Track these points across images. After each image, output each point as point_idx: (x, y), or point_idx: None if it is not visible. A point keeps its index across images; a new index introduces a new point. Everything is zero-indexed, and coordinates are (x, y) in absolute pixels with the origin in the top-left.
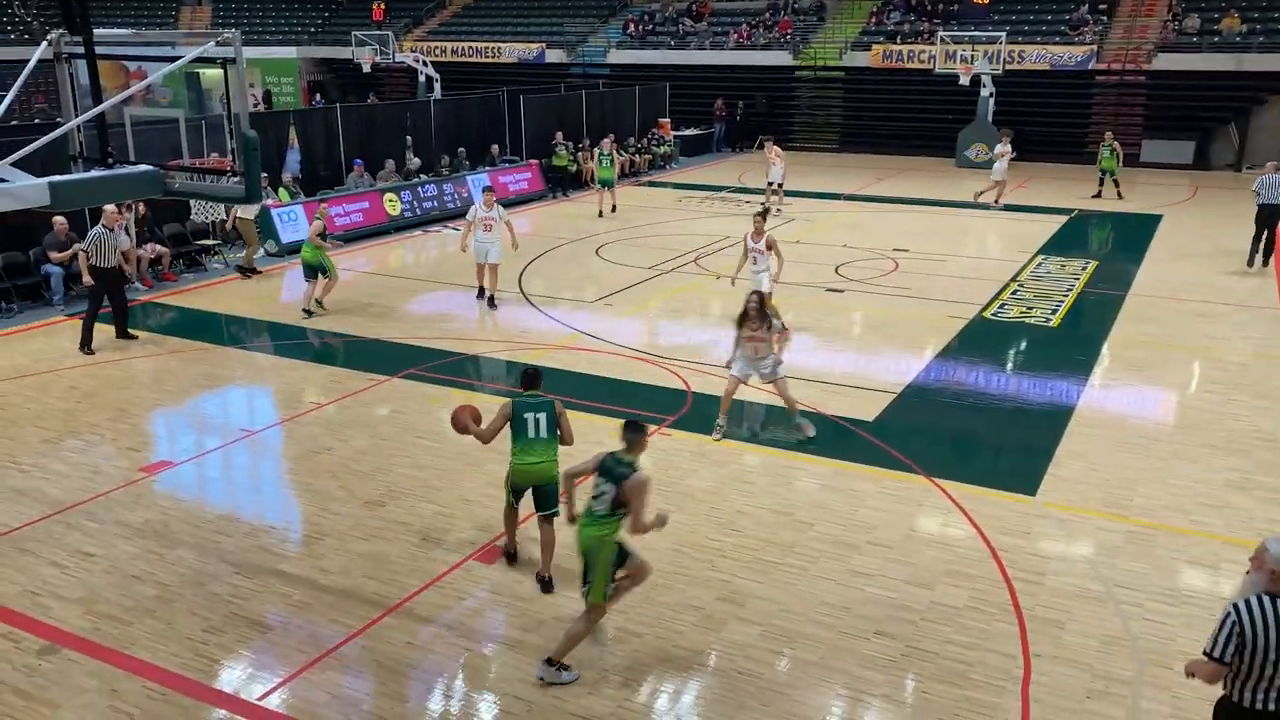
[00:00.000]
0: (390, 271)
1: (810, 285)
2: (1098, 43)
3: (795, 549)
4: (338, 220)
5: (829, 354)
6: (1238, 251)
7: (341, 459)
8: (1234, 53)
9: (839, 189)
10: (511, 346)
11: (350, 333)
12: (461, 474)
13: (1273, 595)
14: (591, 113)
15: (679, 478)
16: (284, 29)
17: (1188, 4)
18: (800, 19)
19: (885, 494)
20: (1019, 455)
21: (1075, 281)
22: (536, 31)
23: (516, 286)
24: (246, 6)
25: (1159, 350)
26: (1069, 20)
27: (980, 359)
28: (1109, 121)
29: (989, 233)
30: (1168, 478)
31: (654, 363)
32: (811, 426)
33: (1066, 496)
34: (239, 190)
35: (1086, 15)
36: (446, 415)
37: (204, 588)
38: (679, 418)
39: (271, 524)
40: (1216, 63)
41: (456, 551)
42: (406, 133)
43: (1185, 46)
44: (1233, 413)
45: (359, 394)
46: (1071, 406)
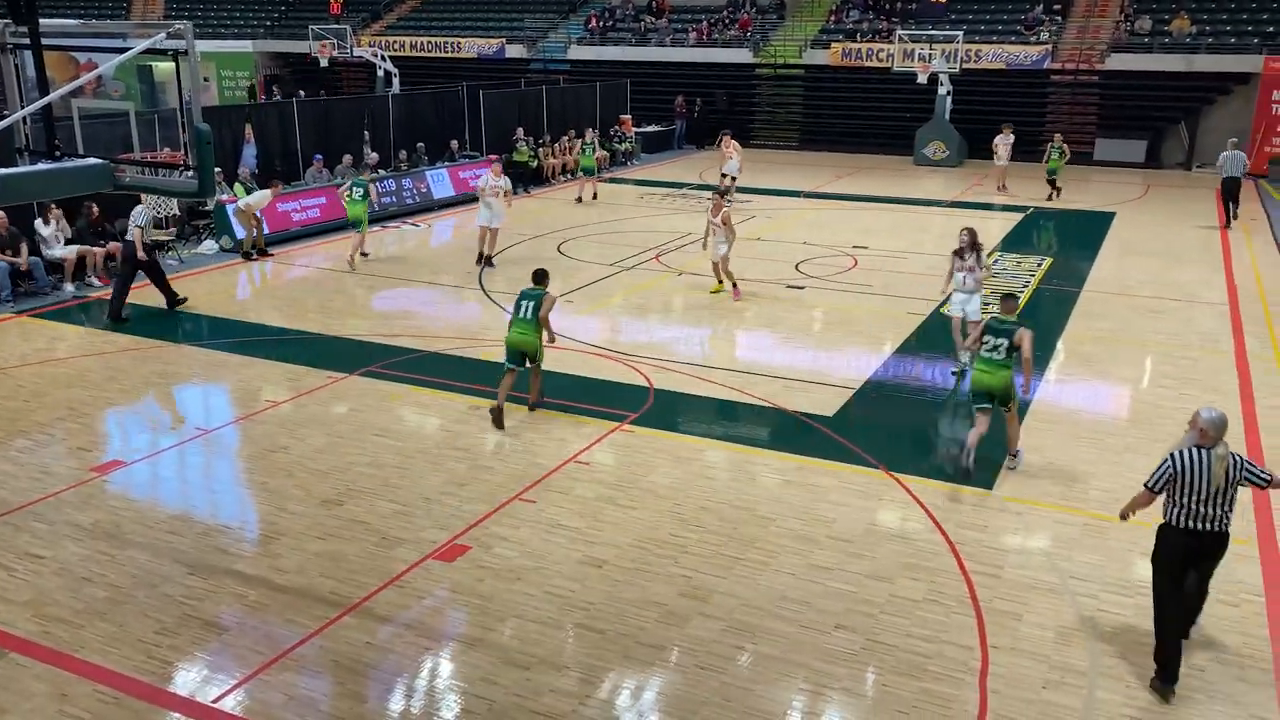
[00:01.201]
0: (348, 267)
1: (771, 282)
2: (1052, 43)
3: (757, 544)
4: (294, 216)
5: (789, 350)
6: (1189, 248)
7: (298, 457)
8: (1184, 54)
9: (799, 186)
10: (472, 343)
11: (307, 329)
12: (421, 472)
13: (1201, 447)
14: (552, 109)
15: (641, 474)
16: (239, 22)
17: (1139, 6)
18: (760, 17)
19: (845, 489)
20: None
21: (1030, 278)
22: (497, 27)
23: (477, 284)
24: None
25: (1112, 345)
26: (1024, 20)
27: (938, 354)
28: (1063, 120)
29: (947, 230)
30: (1122, 471)
31: (616, 359)
32: (966, 357)
33: (1023, 490)
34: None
35: (1041, 15)
36: (406, 413)
37: (157, 589)
38: (641, 414)
39: (226, 524)
40: (1167, 63)
41: (416, 550)
42: (365, 128)
43: (1137, 47)
44: (1184, 407)
45: (316, 391)
46: (1027, 401)
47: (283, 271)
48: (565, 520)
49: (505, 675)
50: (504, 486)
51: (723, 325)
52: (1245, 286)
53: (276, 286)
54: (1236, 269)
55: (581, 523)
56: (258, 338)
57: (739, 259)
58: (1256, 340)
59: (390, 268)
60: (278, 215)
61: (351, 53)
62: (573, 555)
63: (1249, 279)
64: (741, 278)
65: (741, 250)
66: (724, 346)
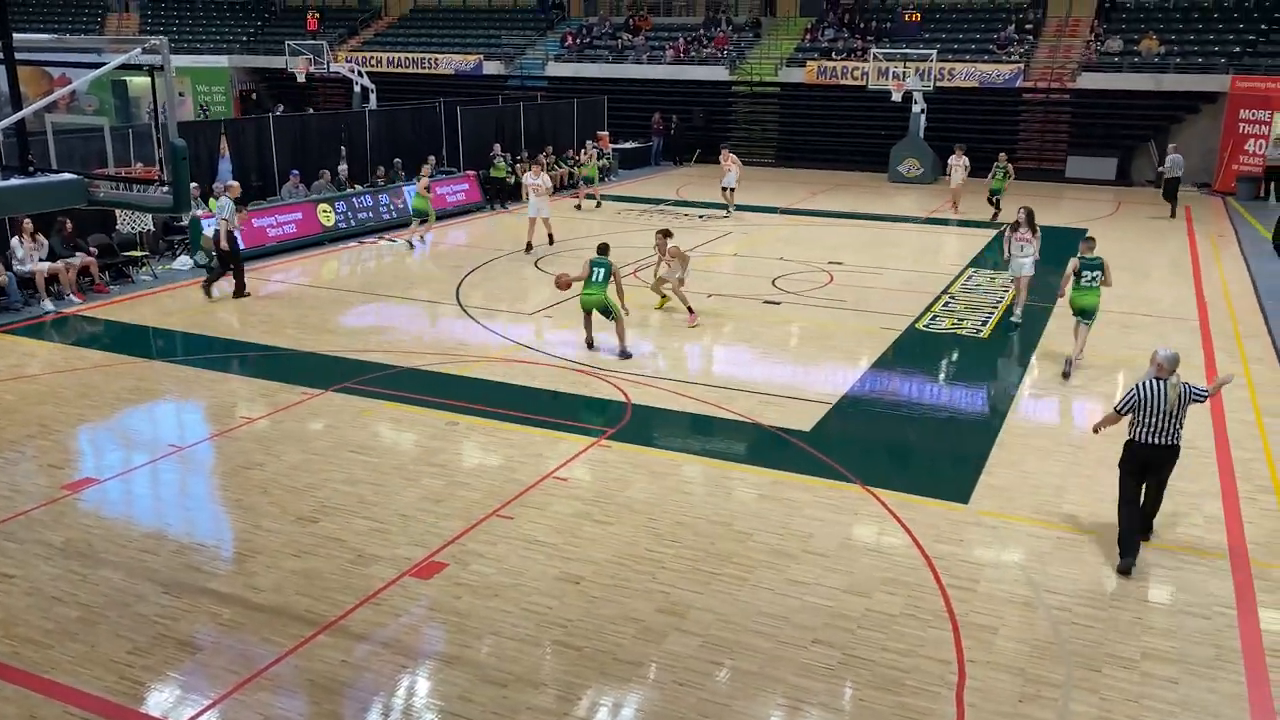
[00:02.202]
0: (324, 283)
1: (748, 297)
2: (1024, 62)
3: (734, 559)
4: (270, 232)
5: (766, 365)
6: (1159, 265)
7: (273, 474)
8: (1153, 73)
9: (775, 203)
10: (449, 359)
11: (283, 345)
12: (397, 489)
13: (1158, 379)
14: (529, 125)
15: (618, 489)
16: (215, 37)
17: (1109, 26)
18: (736, 35)
19: (822, 503)
20: (952, 464)
21: (1005, 294)
22: (474, 43)
23: (454, 299)
24: (176, 13)
25: (1085, 360)
26: (996, 39)
27: (914, 369)
28: (1035, 138)
29: (921, 247)
30: (1095, 485)
31: (593, 374)
32: (1019, 312)
33: (998, 504)
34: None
35: (1013, 35)
36: (381, 429)
37: (130, 608)
38: (618, 430)
39: (201, 542)
40: (1136, 83)
41: (392, 567)
42: (342, 144)
43: (1107, 67)
44: None
45: (292, 408)
46: (1002, 415)
47: (258, 287)
48: (542, 536)
49: (482, 693)
50: (481, 503)
51: (700, 340)
52: (1215, 303)
53: (251, 302)
54: (1206, 286)
55: (559, 539)
56: (232, 353)
57: (720, 274)
58: (1226, 355)
59: (366, 283)
60: (253, 231)
61: (329, 68)
62: (550, 571)
63: (1218, 296)
64: (718, 293)
65: (718, 266)
66: (701, 361)
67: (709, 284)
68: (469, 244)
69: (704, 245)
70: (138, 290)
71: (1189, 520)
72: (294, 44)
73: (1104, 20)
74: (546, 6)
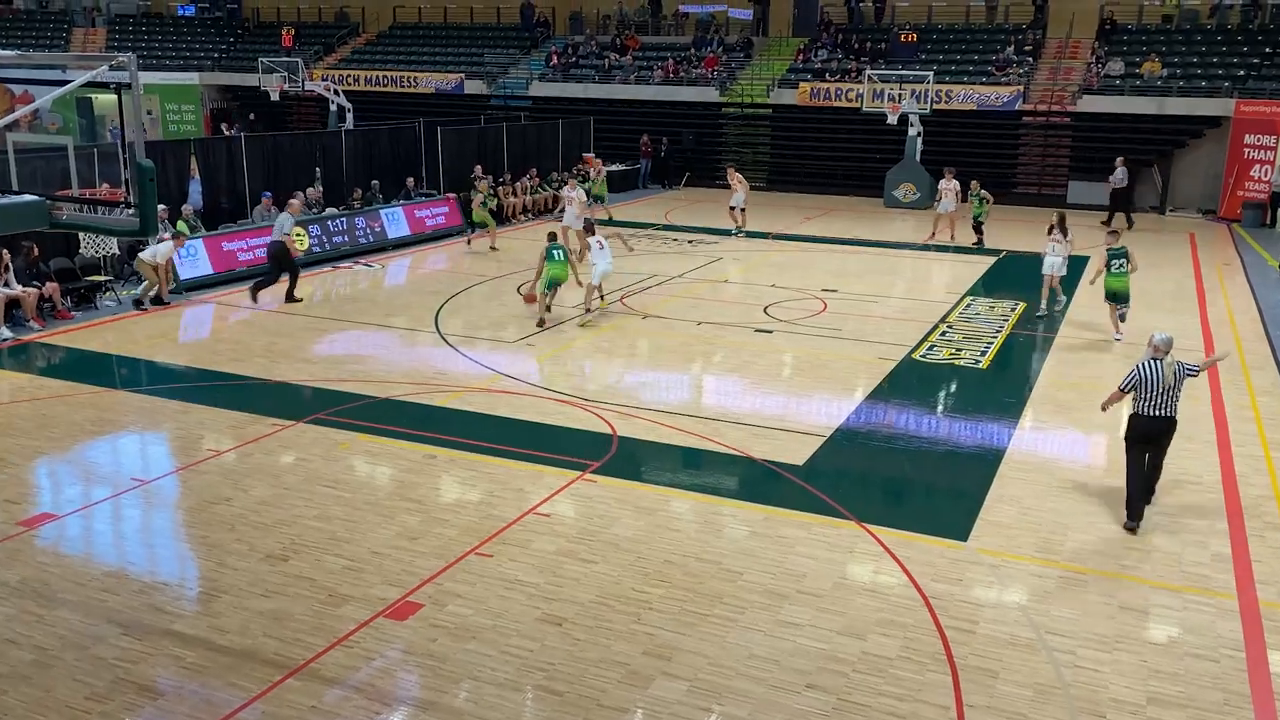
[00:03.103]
0: (296, 309)
1: (739, 325)
2: (1024, 84)
3: (724, 599)
4: (240, 256)
5: (758, 396)
6: (1164, 294)
7: (241, 510)
8: (1155, 96)
9: (767, 228)
10: (426, 389)
11: (252, 374)
12: (371, 526)
13: (1155, 359)
14: (512, 146)
15: (603, 526)
16: (185, 54)
17: (1110, 48)
18: (727, 55)
19: (815, 541)
20: (950, 500)
21: (1004, 323)
22: (455, 62)
23: (432, 326)
24: (144, 29)
25: (1088, 392)
26: (995, 61)
27: (910, 401)
28: (1036, 162)
29: (917, 274)
30: (1098, 522)
31: (578, 405)
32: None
33: (998, 542)
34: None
35: (1012, 56)
36: (356, 462)
37: (88, 651)
38: (604, 463)
39: (164, 581)
40: (1139, 105)
41: (366, 608)
42: (316, 164)
43: (1109, 89)
44: None
45: (261, 440)
46: (1002, 450)
47: (226, 314)
48: (523, 576)
49: None
50: (459, 540)
51: (689, 370)
52: (1221, 333)
53: (220, 329)
54: (1211, 315)
55: (540, 578)
56: (199, 383)
57: (710, 302)
58: (1234, 388)
59: (341, 309)
60: (223, 255)
61: (304, 86)
62: (531, 613)
63: (1224, 325)
64: (708, 320)
65: (708, 292)
66: (690, 392)
67: (698, 311)
68: (449, 269)
69: (693, 271)
70: (101, 316)
71: (1195, 558)
72: (268, 61)
73: (1105, 42)
74: (531, 24)
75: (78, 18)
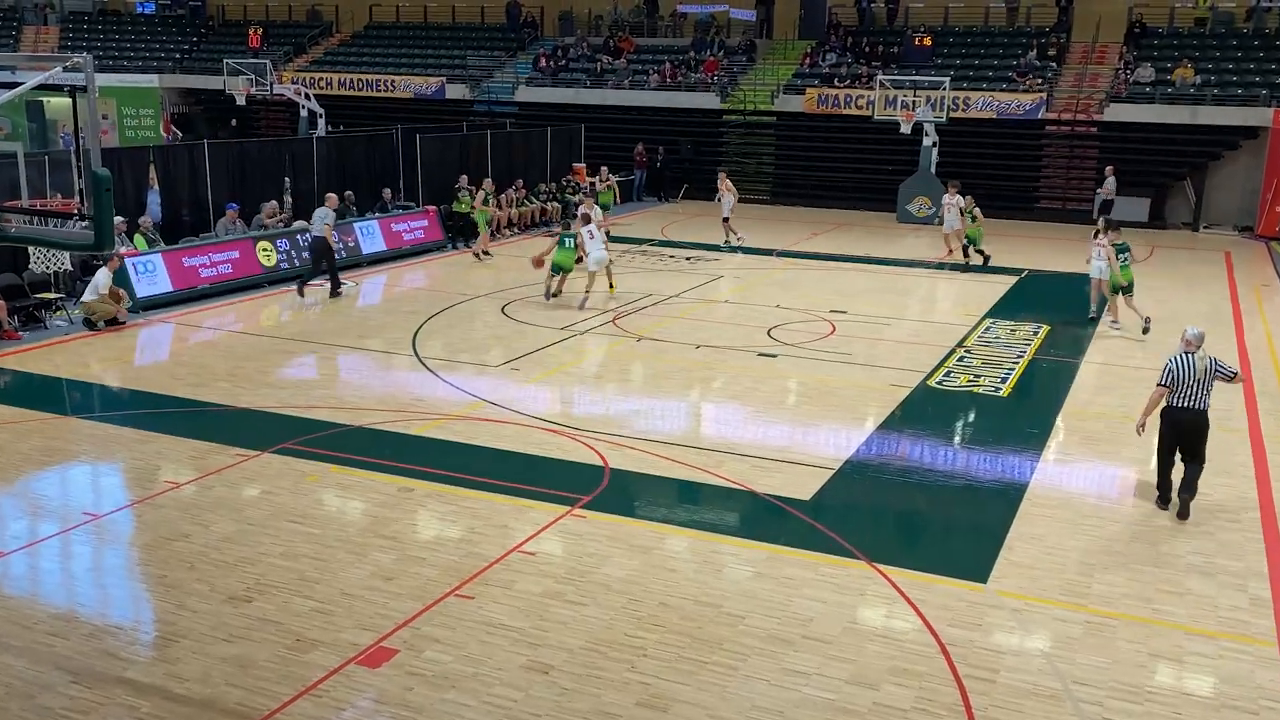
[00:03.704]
0: (263, 330)
1: (741, 349)
2: (1047, 91)
3: (724, 645)
4: (202, 272)
5: (761, 425)
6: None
7: (201, 547)
8: (1188, 105)
9: (771, 244)
10: (402, 416)
11: (215, 401)
12: (343, 564)
13: (1187, 353)
14: (497, 155)
15: (594, 565)
16: (144, 54)
17: (1140, 53)
18: (728, 59)
19: (823, 582)
20: (968, 538)
21: (1026, 347)
22: (436, 64)
23: (410, 349)
24: (100, 28)
25: (1116, 422)
26: (1016, 66)
27: (925, 431)
28: (1060, 175)
29: (933, 294)
30: (1128, 562)
31: (567, 435)
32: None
33: (1020, 584)
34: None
35: (1035, 61)
36: (326, 496)
37: (34, 700)
38: (594, 497)
39: (118, 624)
40: (1170, 114)
41: (335, 654)
42: (285, 174)
43: (1138, 97)
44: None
45: (223, 471)
46: (1024, 484)
47: (187, 335)
48: (507, 619)
49: None
50: (437, 581)
51: (687, 397)
52: (1259, 360)
53: (179, 351)
54: (1249, 339)
55: (525, 622)
56: (157, 409)
57: (709, 323)
58: (1273, 419)
59: (311, 331)
60: (183, 270)
61: (272, 90)
62: (515, 660)
63: (1263, 351)
64: (708, 343)
65: (707, 313)
66: (688, 420)
67: (697, 333)
68: (428, 287)
69: (691, 290)
70: (51, 337)
71: (1232, 602)
72: (233, 62)
73: (1134, 47)
74: (517, 25)
75: (28, 15)
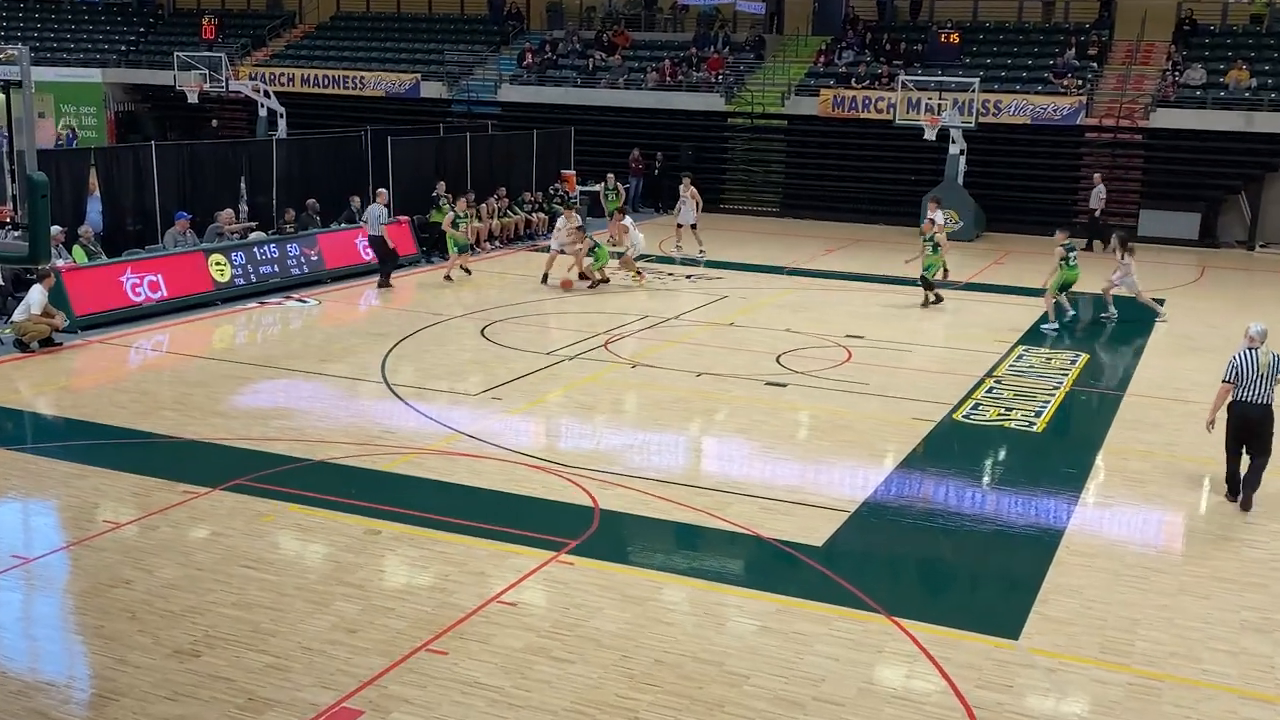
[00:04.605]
0: (215, 353)
1: (746, 377)
2: (1087, 94)
3: (726, 708)
4: (148, 289)
5: (769, 463)
6: None
7: (144, 595)
8: (1243, 110)
9: (780, 261)
10: (369, 450)
11: (160, 431)
12: (301, 615)
13: (1251, 349)
14: (477, 161)
15: (583, 618)
16: (86, 46)
17: (1189, 53)
18: (734, 56)
19: (836, 638)
20: (998, 590)
21: (1063, 378)
22: (410, 60)
23: (379, 375)
24: (37, 16)
25: (1163, 462)
26: (1053, 67)
27: (951, 471)
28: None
29: (959, 318)
30: (1175, 618)
31: (553, 472)
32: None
33: (1055, 641)
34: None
35: (1074, 62)
36: (283, 538)
37: None
38: (583, 542)
39: (49, 680)
40: (1223, 121)
41: (293, 715)
42: (241, 179)
43: (1188, 101)
44: (1249, 538)
45: (169, 510)
46: (1060, 530)
47: (130, 357)
48: (484, 678)
49: None
50: (407, 634)
51: (687, 430)
52: None
53: (122, 376)
54: None
55: (505, 680)
56: (96, 440)
57: (712, 349)
58: None
59: (269, 354)
60: (127, 286)
61: (228, 87)
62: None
63: None
64: (710, 371)
65: (709, 338)
66: (688, 457)
67: (699, 360)
68: (400, 306)
69: (692, 312)
70: None
71: None
72: (185, 56)
73: (1183, 46)
74: (501, 16)
75: None
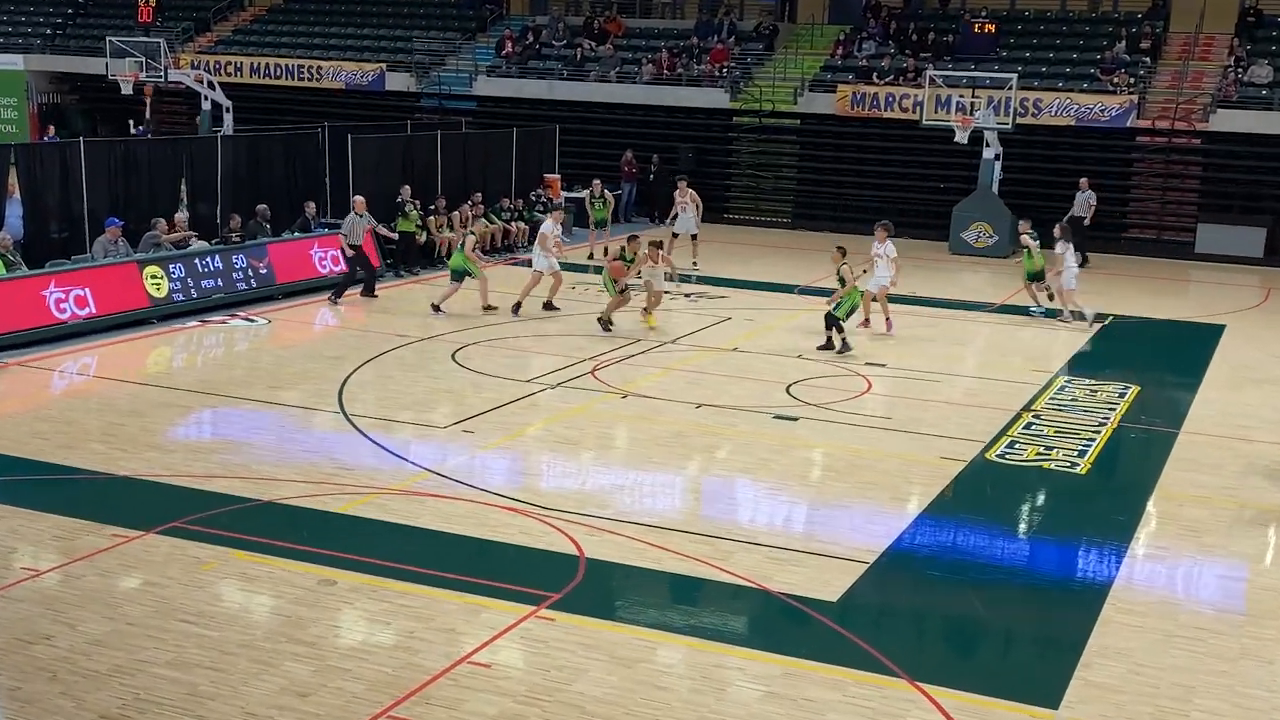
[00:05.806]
0: (149, 379)
1: (752, 409)
2: (1138, 93)
3: None
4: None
5: (778, 506)
6: None
7: (66, 652)
8: None
9: (791, 279)
10: (324, 489)
11: (86, 466)
12: (246, 676)
13: None
14: (449, 161)
15: (564, 681)
16: (6, 29)
17: (1254, 47)
18: (741, 46)
19: (852, 705)
20: (1036, 652)
21: (1110, 412)
22: (374, 48)
23: (335, 404)
24: None
25: (1223, 508)
26: (1100, 62)
27: (982, 517)
28: (1153, 198)
29: (994, 345)
30: (1235, 685)
31: (533, 515)
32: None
33: (1101, 710)
34: None
35: (1124, 56)
36: (225, 589)
37: None
38: (566, 595)
39: None
40: None
41: None
42: (182, 181)
43: (1252, 102)
44: None
45: (96, 556)
46: (1106, 585)
47: (53, 382)
48: None
49: None
50: (365, 698)
51: (684, 469)
52: None
53: (44, 404)
54: None
55: None
56: (12, 475)
57: (714, 377)
58: None
59: (210, 380)
60: (49, 302)
61: (167, 76)
62: None
63: None
64: (710, 403)
65: (711, 364)
66: (685, 500)
67: (699, 390)
68: (360, 325)
69: (692, 335)
70: None
71: None
72: (118, 41)
73: (1246, 40)
74: (477, 0)
75: None
